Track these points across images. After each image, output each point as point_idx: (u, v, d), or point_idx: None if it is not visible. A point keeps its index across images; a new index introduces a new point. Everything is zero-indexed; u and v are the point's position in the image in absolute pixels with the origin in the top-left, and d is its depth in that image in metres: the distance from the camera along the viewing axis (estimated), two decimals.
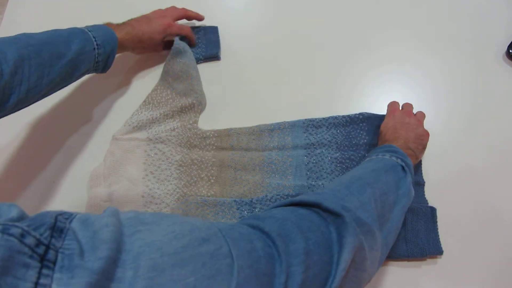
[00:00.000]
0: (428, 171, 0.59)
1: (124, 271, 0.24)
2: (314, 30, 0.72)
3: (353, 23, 0.73)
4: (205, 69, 0.68)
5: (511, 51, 0.67)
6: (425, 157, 0.59)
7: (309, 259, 0.32)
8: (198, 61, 0.69)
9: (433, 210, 0.56)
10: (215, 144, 0.62)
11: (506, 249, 0.54)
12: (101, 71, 0.59)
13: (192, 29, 0.70)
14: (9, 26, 0.72)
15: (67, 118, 0.64)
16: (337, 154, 0.61)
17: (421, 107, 0.62)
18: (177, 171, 0.60)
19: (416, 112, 0.61)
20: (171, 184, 0.59)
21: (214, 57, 0.70)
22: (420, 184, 0.58)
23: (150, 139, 0.61)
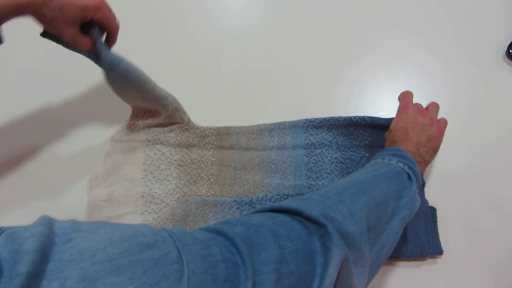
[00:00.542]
0: (428, 171, 0.59)
1: (49, 283, 0.22)
2: (314, 30, 0.72)
3: (353, 23, 0.73)
4: (204, 68, 0.68)
5: (511, 51, 0.67)
6: None
7: (283, 268, 0.31)
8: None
9: (433, 210, 0.56)
10: (214, 143, 0.62)
11: (506, 249, 0.54)
12: None
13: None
14: (9, 26, 0.72)
15: (67, 118, 0.64)
16: (337, 154, 0.61)
17: None
18: (177, 171, 0.60)
19: (429, 105, 0.57)
20: (171, 183, 0.59)
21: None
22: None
23: (149, 140, 0.61)
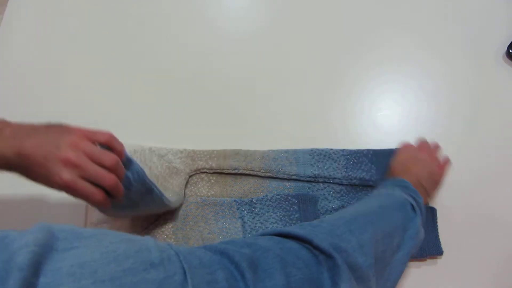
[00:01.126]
0: None
1: None
2: (314, 30, 0.72)
3: (353, 23, 0.73)
4: (205, 67, 0.68)
5: (511, 51, 0.67)
6: None
7: None
8: None
9: (433, 210, 0.56)
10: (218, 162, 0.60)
11: (506, 249, 0.54)
12: None
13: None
14: (9, 26, 0.72)
15: (66, 119, 0.64)
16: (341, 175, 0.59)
17: (421, 107, 0.62)
18: None
19: (430, 143, 0.58)
20: None
21: None
22: None
23: (153, 151, 0.58)
